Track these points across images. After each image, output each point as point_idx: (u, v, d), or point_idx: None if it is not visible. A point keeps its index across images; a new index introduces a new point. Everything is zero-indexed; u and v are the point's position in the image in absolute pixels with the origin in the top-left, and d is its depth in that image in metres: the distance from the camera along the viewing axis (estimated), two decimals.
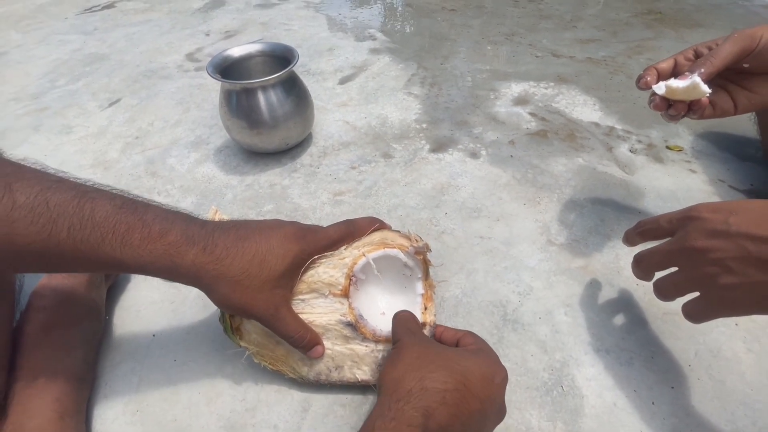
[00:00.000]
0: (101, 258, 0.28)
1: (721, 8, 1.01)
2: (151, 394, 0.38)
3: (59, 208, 0.27)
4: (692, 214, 0.32)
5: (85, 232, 0.27)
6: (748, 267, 0.28)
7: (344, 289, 0.36)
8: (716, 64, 0.36)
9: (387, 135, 0.67)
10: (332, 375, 0.36)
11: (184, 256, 0.30)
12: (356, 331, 0.36)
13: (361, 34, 0.98)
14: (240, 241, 0.32)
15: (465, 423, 0.27)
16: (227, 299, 0.32)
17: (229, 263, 0.31)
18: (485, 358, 0.31)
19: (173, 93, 0.80)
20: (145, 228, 0.29)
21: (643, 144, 0.63)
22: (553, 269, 0.46)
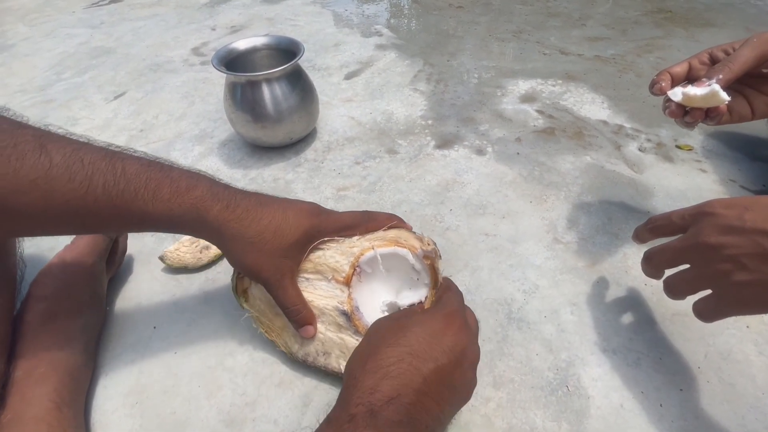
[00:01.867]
0: (134, 213, 0.29)
1: (732, 7, 1.00)
2: (151, 387, 0.38)
3: (93, 166, 0.28)
4: (706, 209, 0.31)
5: (119, 188, 0.28)
6: (763, 264, 0.27)
7: (347, 278, 0.36)
8: (735, 70, 0.35)
9: (392, 131, 0.67)
10: (319, 359, 0.36)
11: (209, 210, 0.32)
12: (350, 321, 0.36)
13: (367, 30, 0.98)
14: (260, 206, 0.34)
15: (419, 388, 0.26)
16: (241, 259, 0.34)
17: (247, 224, 0.33)
18: (436, 311, 0.30)
19: (178, 87, 0.80)
20: (173, 183, 0.31)
21: (653, 143, 0.62)
22: (560, 267, 0.46)
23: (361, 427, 0.24)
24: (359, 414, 0.25)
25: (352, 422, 0.25)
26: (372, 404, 0.25)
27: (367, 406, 0.25)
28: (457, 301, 0.32)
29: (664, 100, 0.40)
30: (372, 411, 0.25)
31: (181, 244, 0.47)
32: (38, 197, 0.26)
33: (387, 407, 0.25)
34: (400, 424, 0.25)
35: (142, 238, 0.51)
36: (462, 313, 0.31)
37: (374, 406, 0.25)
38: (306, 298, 0.37)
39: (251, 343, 0.40)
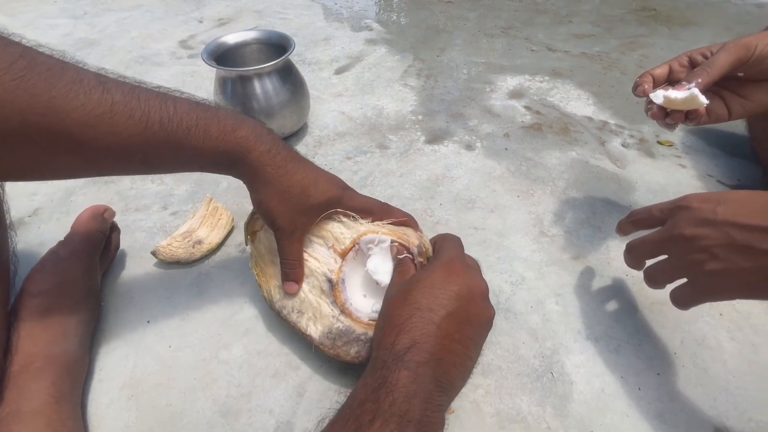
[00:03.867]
0: (187, 150, 0.31)
1: (713, 6, 1.02)
2: (146, 380, 0.38)
3: (149, 103, 0.29)
4: (682, 203, 0.33)
5: (173, 125, 0.30)
6: (733, 254, 0.29)
7: (345, 251, 0.38)
8: (713, 74, 0.37)
9: (383, 126, 0.67)
10: (292, 315, 0.38)
11: (251, 151, 0.34)
12: (332, 291, 0.37)
13: (357, 24, 0.98)
14: (296, 162, 0.36)
15: (435, 333, 0.28)
16: (266, 203, 0.36)
17: (282, 174, 0.35)
18: (433, 265, 0.32)
19: (166, 80, 0.79)
20: (220, 123, 0.32)
21: (635, 138, 0.64)
22: (545, 260, 0.47)
23: (392, 369, 0.26)
24: (389, 360, 0.27)
25: (384, 368, 0.27)
26: (396, 353, 0.27)
27: (392, 355, 0.27)
28: (452, 247, 0.34)
29: (646, 101, 0.42)
30: (397, 357, 0.27)
31: (173, 239, 0.47)
32: (105, 132, 0.28)
33: (408, 352, 0.27)
34: (426, 363, 0.27)
35: (133, 233, 0.51)
36: (459, 258, 0.33)
37: (398, 353, 0.27)
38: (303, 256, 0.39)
39: (246, 336, 0.41)
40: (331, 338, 0.36)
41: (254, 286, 0.45)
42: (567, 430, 0.34)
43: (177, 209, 0.54)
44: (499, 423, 0.35)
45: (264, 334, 0.41)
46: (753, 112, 0.40)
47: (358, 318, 0.36)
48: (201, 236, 0.48)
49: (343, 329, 0.36)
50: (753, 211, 0.29)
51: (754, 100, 0.39)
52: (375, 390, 0.26)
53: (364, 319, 0.36)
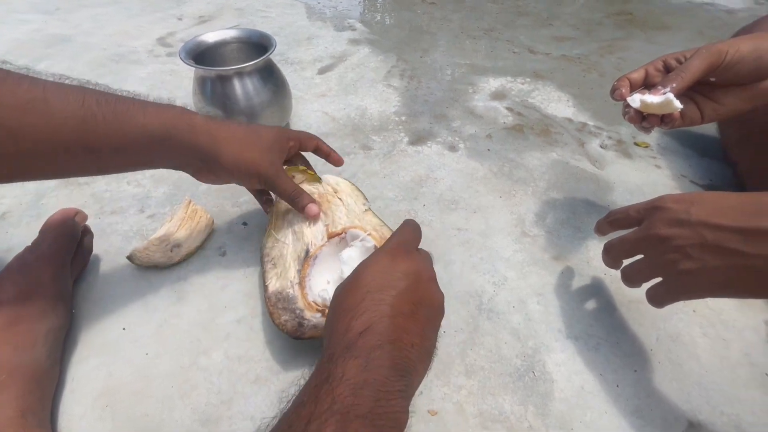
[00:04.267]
0: (128, 129, 0.31)
1: (687, 12, 1.06)
2: (122, 389, 0.37)
3: (82, 89, 0.30)
4: (657, 204, 0.33)
5: (110, 106, 0.30)
6: (705, 253, 0.30)
7: (332, 234, 0.42)
8: (687, 79, 0.38)
9: (366, 127, 0.67)
10: (267, 264, 0.41)
11: (194, 117, 0.35)
12: (303, 261, 0.40)
13: (340, 24, 0.97)
14: (229, 121, 0.39)
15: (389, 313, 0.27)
16: (238, 157, 0.37)
17: (233, 129, 0.37)
18: (382, 248, 0.32)
19: (143, 78, 0.77)
20: (154, 103, 0.34)
21: (613, 140, 0.65)
22: (527, 260, 0.48)
23: (339, 361, 0.25)
24: (336, 352, 0.26)
25: (330, 360, 0.25)
26: (347, 341, 0.26)
27: (344, 343, 0.26)
28: (403, 233, 0.33)
29: (623, 105, 0.43)
30: (347, 346, 0.26)
31: (150, 243, 0.46)
32: (40, 116, 0.28)
33: (361, 338, 0.26)
34: (380, 347, 0.25)
35: (108, 237, 0.49)
36: (406, 243, 0.32)
37: (349, 341, 0.26)
38: (304, 224, 0.43)
39: (227, 341, 0.40)
40: (277, 297, 0.38)
41: (235, 290, 0.44)
42: (548, 428, 0.35)
43: (154, 212, 0.53)
44: (482, 423, 0.35)
45: (245, 338, 0.40)
46: (724, 116, 0.41)
47: (306, 294, 0.38)
48: (179, 239, 0.47)
49: (290, 296, 0.38)
50: (723, 211, 0.30)
51: (725, 104, 0.40)
52: (316, 388, 0.24)
53: (309, 297, 0.38)
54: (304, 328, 0.36)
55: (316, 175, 0.47)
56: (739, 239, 0.28)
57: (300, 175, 0.46)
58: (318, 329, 0.37)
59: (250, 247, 0.49)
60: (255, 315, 0.42)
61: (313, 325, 0.37)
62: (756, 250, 0.28)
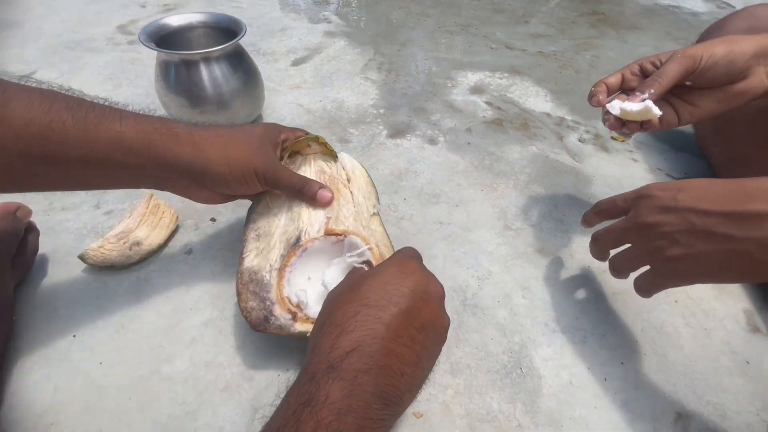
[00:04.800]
0: (103, 136, 0.28)
1: (655, 14, 1.09)
2: (71, 404, 0.33)
3: (51, 93, 0.27)
4: (644, 192, 0.33)
5: (82, 111, 0.27)
6: (693, 238, 0.29)
7: (331, 231, 0.38)
8: (664, 84, 0.38)
9: (343, 119, 0.64)
10: (251, 233, 0.37)
11: (176, 125, 0.32)
12: (291, 248, 0.36)
13: (315, 16, 0.94)
14: (213, 126, 0.35)
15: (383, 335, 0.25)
16: (229, 159, 0.33)
17: (218, 132, 0.34)
18: (389, 263, 0.29)
19: (101, 67, 0.71)
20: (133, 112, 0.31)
21: (591, 134, 0.66)
22: (511, 253, 0.47)
23: (322, 382, 0.23)
24: (319, 372, 0.23)
25: (312, 381, 0.23)
26: (331, 360, 0.24)
27: (327, 363, 0.24)
28: (410, 250, 0.31)
29: (603, 111, 0.42)
30: (331, 366, 0.23)
31: (106, 241, 0.42)
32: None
33: (347, 358, 0.23)
34: (367, 372, 0.23)
35: (58, 235, 0.45)
36: (416, 259, 0.30)
37: (333, 361, 0.23)
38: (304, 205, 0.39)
39: (192, 346, 0.37)
40: (250, 277, 0.35)
41: (202, 291, 0.41)
42: (538, 426, 0.34)
43: (112, 208, 0.48)
44: (469, 424, 0.33)
45: (213, 343, 0.37)
46: (700, 118, 0.41)
47: (283, 287, 0.35)
48: (140, 237, 0.43)
49: (264, 282, 0.35)
50: (710, 197, 0.29)
51: (701, 106, 0.40)
52: (297, 410, 0.22)
53: (285, 290, 0.35)
54: (268, 324, 0.33)
55: (333, 150, 0.42)
56: (727, 223, 0.28)
57: (316, 145, 0.42)
58: (283, 330, 0.33)
59: (218, 245, 0.45)
60: (224, 317, 0.39)
61: (279, 326, 0.33)
62: (744, 234, 0.27)
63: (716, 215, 0.28)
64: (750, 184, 0.29)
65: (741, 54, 0.36)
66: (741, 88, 0.38)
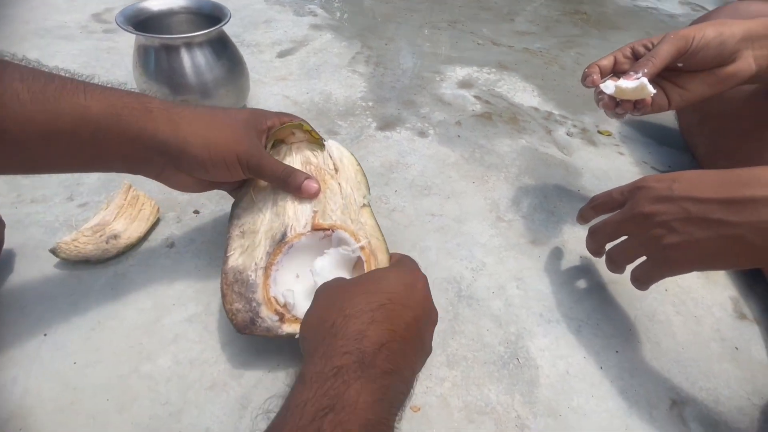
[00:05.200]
0: (66, 109, 0.25)
1: (635, 14, 1.12)
2: (42, 407, 0.30)
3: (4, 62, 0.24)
4: (640, 184, 0.33)
5: (39, 82, 0.24)
6: (690, 226, 0.29)
7: (318, 226, 0.36)
8: (657, 64, 0.38)
9: (331, 111, 0.63)
10: (235, 230, 0.36)
11: (150, 100, 0.29)
12: (277, 245, 0.35)
13: (300, 9, 0.92)
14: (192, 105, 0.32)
15: (403, 335, 0.24)
16: (210, 142, 0.30)
17: (198, 111, 0.31)
18: (402, 267, 0.30)
19: (75, 56, 0.68)
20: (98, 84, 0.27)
21: (578, 128, 0.66)
22: (504, 245, 0.46)
23: (351, 380, 0.20)
24: (347, 366, 0.21)
25: (338, 376, 0.20)
26: (362, 352, 0.21)
27: (357, 354, 0.21)
28: (414, 262, 0.32)
29: (596, 92, 0.42)
30: (362, 361, 0.21)
31: (80, 234, 0.39)
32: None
33: (378, 354, 0.22)
34: (391, 373, 0.22)
35: (27, 229, 0.42)
36: (423, 273, 0.30)
37: (365, 354, 0.21)
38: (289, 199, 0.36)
39: (175, 343, 0.35)
40: (235, 277, 0.33)
41: (185, 286, 0.39)
42: (536, 416, 0.33)
43: (87, 200, 0.45)
44: (467, 417, 0.32)
45: (197, 339, 0.35)
46: (690, 101, 0.41)
47: (269, 286, 0.33)
48: (117, 230, 0.40)
49: (250, 282, 0.33)
50: (705, 186, 0.30)
51: (691, 89, 0.41)
52: (318, 416, 0.19)
53: (271, 290, 0.33)
54: (255, 327, 0.31)
55: (319, 137, 0.40)
56: (722, 209, 0.28)
57: (300, 132, 0.39)
58: (270, 332, 0.31)
59: (202, 238, 0.43)
60: (210, 312, 0.37)
61: (266, 328, 0.31)
62: (740, 219, 0.28)
63: (711, 202, 0.29)
64: (743, 172, 0.29)
65: (731, 36, 0.37)
66: (730, 71, 0.38)
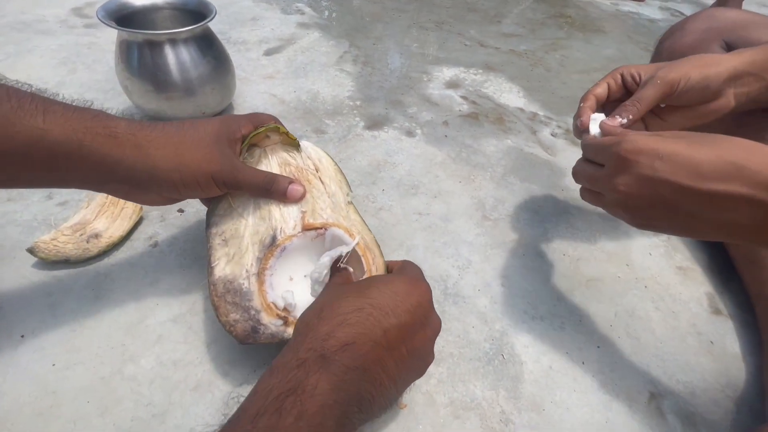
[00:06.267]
0: (23, 131, 0.23)
1: (617, 18, 1.14)
2: (19, 411, 0.30)
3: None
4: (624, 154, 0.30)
5: None
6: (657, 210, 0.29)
7: (309, 226, 0.35)
8: (641, 110, 0.38)
9: (319, 110, 0.63)
10: (215, 239, 0.34)
11: (116, 123, 0.27)
12: (268, 249, 0.33)
13: (288, 7, 0.92)
14: (159, 123, 0.30)
15: (378, 340, 0.24)
16: (180, 163, 0.29)
17: (165, 131, 0.29)
18: (400, 275, 0.30)
19: (54, 51, 0.66)
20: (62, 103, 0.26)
21: (562, 129, 0.67)
22: (490, 243, 0.47)
23: (312, 371, 0.22)
24: (310, 359, 0.22)
25: (301, 367, 0.22)
26: (325, 349, 0.23)
27: (319, 351, 0.23)
28: (419, 270, 0.32)
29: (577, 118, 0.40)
30: (324, 356, 0.22)
31: (59, 233, 0.38)
32: None
33: (341, 352, 0.23)
34: (356, 369, 0.23)
35: (3, 228, 0.40)
36: (425, 282, 0.30)
37: (327, 351, 0.23)
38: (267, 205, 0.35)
39: (159, 344, 0.34)
40: (225, 288, 0.32)
41: (169, 285, 0.38)
42: (520, 411, 0.34)
43: (66, 198, 0.44)
44: (453, 413, 0.33)
45: (182, 340, 0.35)
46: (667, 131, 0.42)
47: (265, 292, 0.32)
48: (98, 229, 0.39)
49: (243, 290, 0.32)
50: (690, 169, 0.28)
51: (669, 121, 0.41)
52: (280, 398, 0.21)
53: (269, 296, 0.32)
54: (258, 335, 0.30)
55: (295, 138, 0.38)
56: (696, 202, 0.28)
57: (275, 135, 0.38)
58: (275, 337, 0.30)
59: (187, 236, 0.43)
60: (194, 312, 0.37)
61: (270, 334, 0.30)
62: (709, 215, 0.28)
63: (690, 193, 0.28)
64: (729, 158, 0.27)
65: (716, 77, 0.37)
66: (711, 108, 0.39)
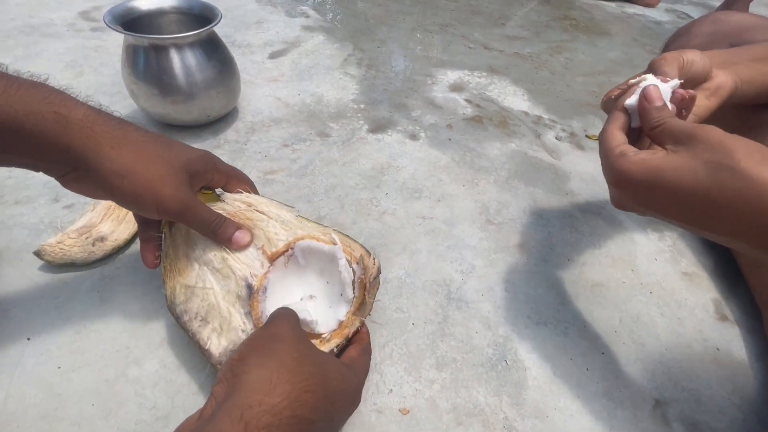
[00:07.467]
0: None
1: (622, 20, 1.14)
2: (25, 413, 0.30)
3: None
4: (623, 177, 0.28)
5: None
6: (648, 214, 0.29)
7: (275, 254, 0.33)
8: None
9: (323, 113, 0.63)
10: (193, 323, 0.31)
11: (74, 108, 0.25)
12: (249, 299, 0.31)
13: (292, 10, 0.92)
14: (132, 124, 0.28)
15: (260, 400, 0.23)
16: (131, 169, 0.27)
17: (131, 131, 0.27)
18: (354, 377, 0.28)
19: (61, 54, 0.67)
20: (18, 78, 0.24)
21: (567, 132, 0.67)
22: (493, 247, 0.47)
23: None
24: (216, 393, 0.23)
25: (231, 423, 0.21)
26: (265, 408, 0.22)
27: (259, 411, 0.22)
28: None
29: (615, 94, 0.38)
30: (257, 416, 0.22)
31: (65, 236, 0.38)
32: None
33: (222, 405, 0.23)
34: None
35: (10, 231, 0.41)
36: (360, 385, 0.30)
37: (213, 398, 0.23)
38: (224, 255, 0.33)
39: (162, 347, 0.34)
40: None
41: None
42: (524, 418, 0.33)
43: (73, 201, 0.45)
44: (456, 419, 0.33)
45: (186, 344, 0.35)
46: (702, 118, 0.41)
47: None
48: (104, 232, 0.40)
49: None
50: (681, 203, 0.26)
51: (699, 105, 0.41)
52: None
53: None
54: None
55: (214, 194, 0.36)
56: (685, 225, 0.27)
57: (200, 195, 0.35)
58: None
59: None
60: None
61: None
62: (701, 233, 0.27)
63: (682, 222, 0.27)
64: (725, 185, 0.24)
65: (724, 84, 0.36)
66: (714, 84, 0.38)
